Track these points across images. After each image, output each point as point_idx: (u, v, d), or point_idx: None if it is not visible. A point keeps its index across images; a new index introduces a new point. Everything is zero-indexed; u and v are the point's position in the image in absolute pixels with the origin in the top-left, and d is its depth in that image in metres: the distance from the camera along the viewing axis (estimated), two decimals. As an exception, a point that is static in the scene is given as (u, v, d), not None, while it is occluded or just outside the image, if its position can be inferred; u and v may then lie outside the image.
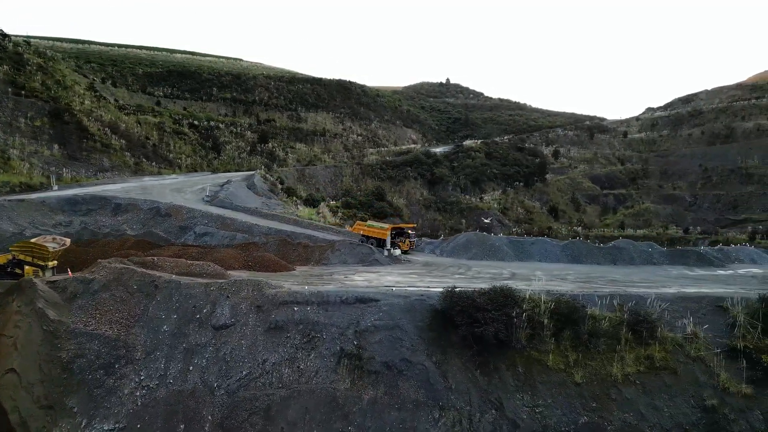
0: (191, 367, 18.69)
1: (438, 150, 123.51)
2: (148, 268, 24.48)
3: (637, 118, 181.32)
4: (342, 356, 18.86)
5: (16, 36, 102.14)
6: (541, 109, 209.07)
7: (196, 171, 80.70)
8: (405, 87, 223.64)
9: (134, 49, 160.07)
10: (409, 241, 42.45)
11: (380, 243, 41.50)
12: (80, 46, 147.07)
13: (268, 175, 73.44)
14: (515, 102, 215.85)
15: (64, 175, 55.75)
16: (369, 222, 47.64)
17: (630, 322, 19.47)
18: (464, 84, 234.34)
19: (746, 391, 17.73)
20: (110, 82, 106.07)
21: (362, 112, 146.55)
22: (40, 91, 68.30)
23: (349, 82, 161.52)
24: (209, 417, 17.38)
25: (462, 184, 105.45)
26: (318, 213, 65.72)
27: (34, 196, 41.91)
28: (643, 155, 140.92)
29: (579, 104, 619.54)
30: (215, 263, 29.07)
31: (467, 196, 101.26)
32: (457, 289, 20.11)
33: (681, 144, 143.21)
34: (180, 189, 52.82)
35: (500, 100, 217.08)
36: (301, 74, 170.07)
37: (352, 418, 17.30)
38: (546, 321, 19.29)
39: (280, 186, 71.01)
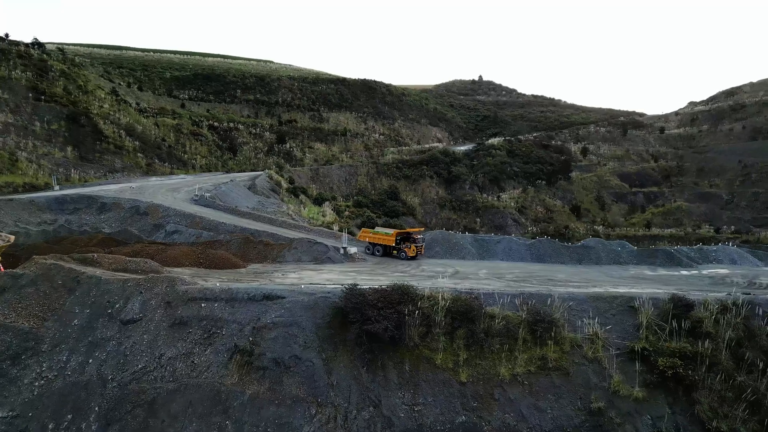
0: (91, 360, 19.30)
1: (459, 148, 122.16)
2: (87, 264, 25.43)
3: (676, 113, 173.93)
4: (235, 352, 19.09)
5: (57, 44, 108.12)
6: (575, 105, 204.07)
7: (210, 171, 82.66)
8: (436, 85, 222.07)
9: (168, 54, 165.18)
10: (416, 247, 38.82)
11: (386, 250, 39.60)
12: (117, 52, 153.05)
13: (275, 175, 74.35)
14: (549, 98, 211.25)
15: (72, 175, 58.28)
16: (376, 228, 44.89)
17: (530, 321, 18.89)
18: (497, 81, 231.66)
19: (638, 395, 16.96)
20: (137, 86, 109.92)
21: (386, 112, 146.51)
22: (61, 96, 71.58)
23: (374, 81, 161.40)
24: (96, 408, 17.92)
25: (480, 182, 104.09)
26: (320, 212, 66.37)
27: (25, 195, 44.05)
28: (680, 152, 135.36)
29: (620, 100, 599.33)
30: (167, 260, 29.95)
31: (484, 195, 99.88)
32: (358, 287, 20.00)
33: (721, 139, 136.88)
34: (176, 189, 54.24)
35: (533, 96, 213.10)
36: (326, 74, 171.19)
37: (231, 413, 17.51)
38: (439, 319, 18.93)
39: (285, 186, 71.81)
